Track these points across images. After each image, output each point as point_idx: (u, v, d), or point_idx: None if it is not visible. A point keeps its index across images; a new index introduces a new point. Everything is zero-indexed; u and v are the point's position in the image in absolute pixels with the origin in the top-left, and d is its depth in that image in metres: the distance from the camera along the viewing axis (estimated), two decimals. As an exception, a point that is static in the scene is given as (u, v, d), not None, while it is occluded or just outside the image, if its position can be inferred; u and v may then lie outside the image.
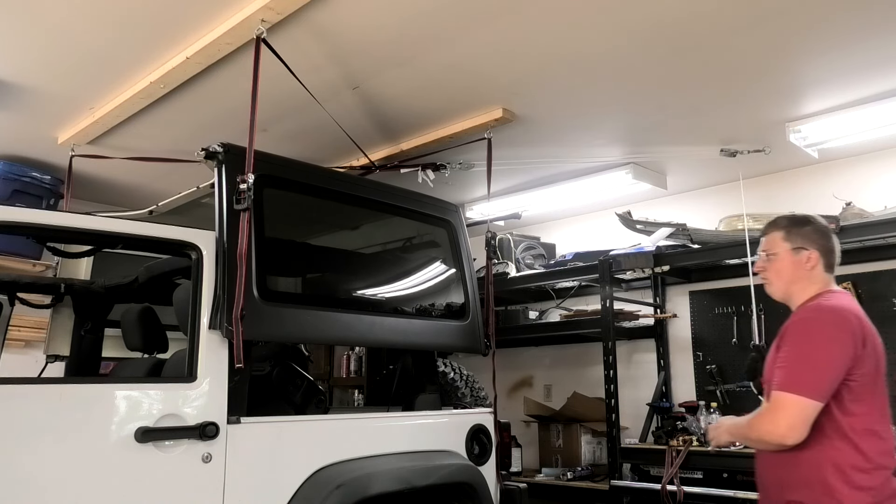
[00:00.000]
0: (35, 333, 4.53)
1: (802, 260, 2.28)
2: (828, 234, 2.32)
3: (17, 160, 4.48)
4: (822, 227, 2.34)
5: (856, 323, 2.11)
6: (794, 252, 2.29)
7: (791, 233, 2.32)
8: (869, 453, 2.04)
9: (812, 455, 2.07)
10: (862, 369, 2.06)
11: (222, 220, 2.63)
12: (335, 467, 2.69)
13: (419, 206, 3.50)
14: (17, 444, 2.12)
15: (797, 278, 2.30)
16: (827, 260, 2.29)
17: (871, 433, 2.06)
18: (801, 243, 2.29)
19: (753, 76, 3.37)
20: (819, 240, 2.29)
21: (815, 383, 2.04)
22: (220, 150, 2.68)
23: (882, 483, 2.04)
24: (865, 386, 2.08)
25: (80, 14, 2.89)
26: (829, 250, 2.29)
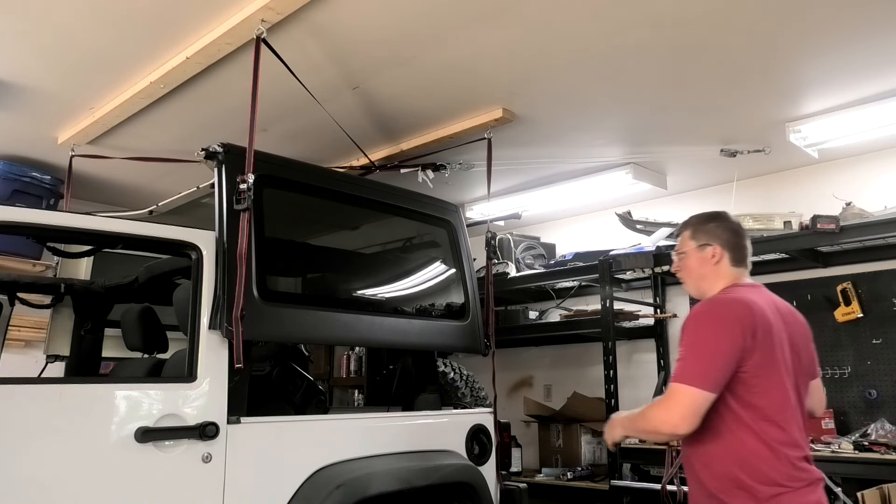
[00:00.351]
0: (35, 333, 4.53)
1: (707, 256, 2.31)
2: (734, 230, 2.34)
3: (17, 160, 4.48)
4: (729, 223, 2.36)
5: (746, 315, 2.10)
6: (700, 249, 2.32)
7: (696, 230, 2.36)
8: (772, 444, 2.07)
9: (720, 449, 2.12)
10: (752, 360, 2.07)
11: (222, 220, 2.63)
12: (335, 467, 2.69)
13: (419, 206, 3.50)
14: (17, 444, 2.12)
15: (704, 274, 2.32)
16: (733, 254, 2.30)
17: (771, 423, 2.08)
18: (705, 240, 2.33)
19: (753, 76, 3.37)
20: (723, 235, 2.32)
21: (704, 374, 2.05)
22: (220, 151, 2.68)
23: (789, 472, 2.06)
24: (760, 377, 2.09)
25: (81, 14, 2.89)
26: (734, 245, 2.31)
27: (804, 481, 2.07)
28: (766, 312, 2.14)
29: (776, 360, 2.11)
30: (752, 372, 2.07)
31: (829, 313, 4.15)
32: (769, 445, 2.06)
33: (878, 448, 3.46)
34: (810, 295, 4.27)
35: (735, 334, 2.07)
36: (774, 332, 2.13)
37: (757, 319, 2.10)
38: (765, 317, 2.12)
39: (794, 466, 2.07)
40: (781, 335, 2.16)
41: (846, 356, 4.08)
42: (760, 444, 2.06)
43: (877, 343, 3.99)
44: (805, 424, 2.18)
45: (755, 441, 2.07)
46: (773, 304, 2.24)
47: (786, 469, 2.05)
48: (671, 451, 3.88)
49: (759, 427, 2.07)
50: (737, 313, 2.10)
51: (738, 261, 2.31)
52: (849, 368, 4.06)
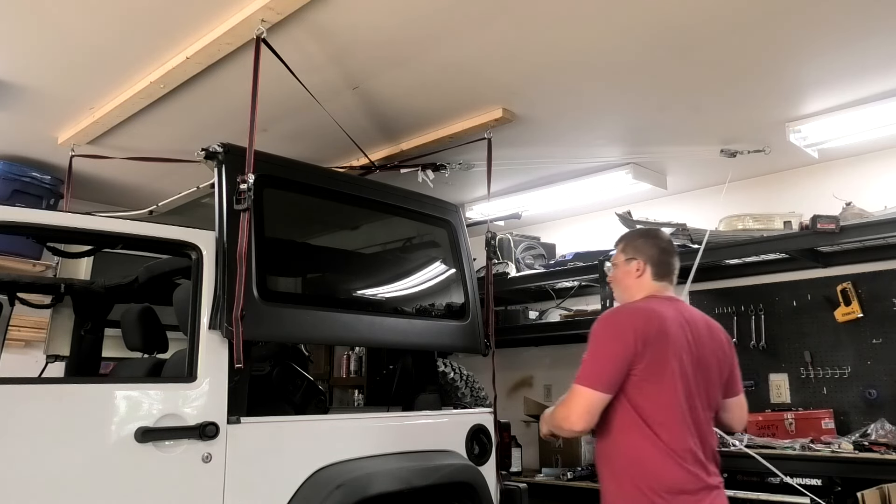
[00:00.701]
0: (35, 333, 4.53)
1: (632, 269, 2.44)
2: (661, 248, 2.46)
3: (17, 160, 4.48)
4: (657, 241, 2.49)
5: (640, 323, 2.23)
6: (627, 262, 2.47)
7: (626, 245, 2.51)
8: (660, 447, 2.17)
9: (616, 447, 2.26)
10: (641, 365, 2.18)
11: (222, 220, 2.63)
12: (335, 467, 2.69)
13: (419, 207, 3.50)
14: (17, 444, 2.12)
15: (628, 286, 2.46)
16: (656, 269, 2.43)
17: (660, 427, 2.18)
18: (632, 254, 2.46)
19: (753, 76, 3.37)
20: (648, 250, 2.44)
21: (598, 375, 2.21)
22: (220, 151, 2.68)
23: (676, 476, 2.15)
24: (648, 382, 2.20)
25: (81, 14, 2.89)
26: (658, 261, 2.43)
27: (694, 486, 2.16)
28: (667, 323, 2.25)
29: (668, 367, 2.21)
30: (641, 376, 2.20)
31: (829, 313, 4.15)
32: (658, 448, 2.17)
33: (878, 448, 3.46)
34: (810, 295, 4.27)
35: (627, 340, 2.20)
36: (672, 341, 2.23)
37: (651, 327, 2.22)
38: (662, 326, 2.23)
39: (685, 471, 2.16)
40: (682, 346, 2.25)
41: (846, 356, 4.08)
42: (649, 446, 2.18)
43: (877, 343, 3.99)
44: (705, 434, 2.27)
45: (644, 443, 2.19)
46: (685, 317, 2.34)
47: (673, 472, 2.15)
48: (671, 451, 3.88)
49: (647, 430, 2.19)
50: (631, 320, 2.25)
51: (659, 276, 2.43)
52: (849, 368, 4.06)
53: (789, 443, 3.67)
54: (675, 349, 2.23)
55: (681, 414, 2.20)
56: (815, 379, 4.18)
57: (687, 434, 2.20)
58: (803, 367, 4.22)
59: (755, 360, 4.43)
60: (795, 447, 3.60)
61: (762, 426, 3.92)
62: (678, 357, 2.23)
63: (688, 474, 2.16)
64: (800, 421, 3.92)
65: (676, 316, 2.31)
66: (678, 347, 2.24)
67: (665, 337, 2.23)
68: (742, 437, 3.80)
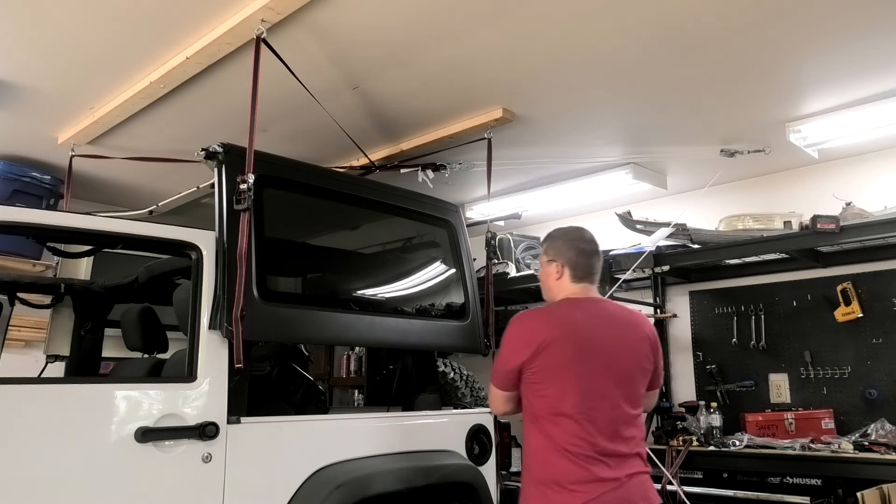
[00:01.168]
0: (35, 333, 4.53)
1: (552, 271, 2.49)
2: (579, 248, 2.48)
3: (17, 160, 4.48)
4: (575, 241, 2.50)
5: (538, 329, 2.33)
6: (548, 264, 2.52)
7: (548, 247, 2.55)
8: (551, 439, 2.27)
9: (524, 439, 2.41)
10: (534, 366, 2.30)
11: (222, 220, 2.63)
12: (335, 467, 2.69)
13: (419, 207, 3.50)
14: (17, 444, 2.11)
15: (550, 287, 2.52)
16: (574, 272, 2.46)
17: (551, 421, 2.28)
18: (552, 256, 2.51)
19: (753, 76, 3.37)
20: (566, 253, 2.48)
21: (499, 375, 2.41)
22: (220, 151, 2.68)
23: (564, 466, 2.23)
24: (542, 383, 2.30)
25: (81, 14, 2.89)
26: (575, 264, 2.46)
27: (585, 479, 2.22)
28: (572, 327, 2.33)
29: (566, 369, 2.28)
30: (535, 378, 2.31)
31: (829, 313, 4.15)
32: (548, 443, 2.27)
33: (878, 448, 3.46)
34: (810, 295, 4.27)
35: (520, 346, 2.33)
36: (576, 344, 2.30)
37: (549, 333, 2.30)
38: (564, 331, 2.32)
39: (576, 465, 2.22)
40: (590, 347, 2.32)
41: (846, 356, 4.08)
42: (541, 440, 2.30)
43: (877, 343, 3.99)
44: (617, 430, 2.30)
45: (538, 437, 2.31)
46: (603, 317, 2.41)
47: (561, 466, 2.23)
48: (671, 450, 3.89)
49: (539, 426, 2.31)
50: (525, 327, 2.37)
51: (578, 277, 2.46)
52: (849, 368, 4.06)
53: (789, 443, 3.67)
54: (579, 351, 2.30)
55: (576, 412, 2.26)
56: (815, 379, 4.18)
57: (581, 431, 2.25)
58: (803, 367, 4.23)
59: (755, 360, 4.43)
60: (795, 447, 3.60)
61: (762, 426, 3.93)
62: (581, 358, 2.30)
63: (579, 468, 2.22)
64: (800, 421, 3.92)
65: (589, 318, 2.38)
66: (584, 349, 2.31)
67: (566, 341, 2.30)
68: (742, 438, 3.81)
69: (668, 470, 3.82)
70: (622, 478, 2.25)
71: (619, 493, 2.23)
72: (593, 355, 2.31)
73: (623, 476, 2.25)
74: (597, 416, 2.27)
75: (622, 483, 2.25)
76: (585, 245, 2.50)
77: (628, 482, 2.26)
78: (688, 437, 3.95)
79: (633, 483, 2.27)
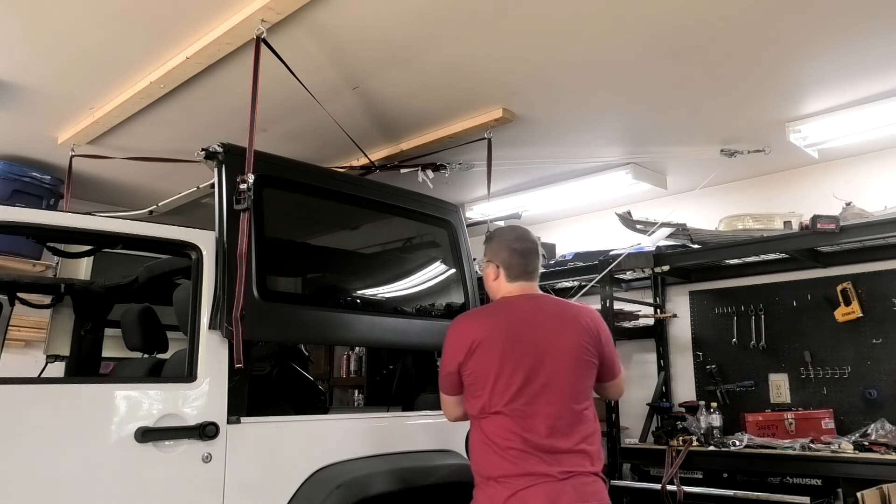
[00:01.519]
0: (35, 333, 4.53)
1: (490, 272, 2.54)
2: (511, 248, 2.52)
3: (17, 160, 4.48)
4: (509, 242, 2.55)
5: (465, 333, 2.40)
6: (487, 265, 2.57)
7: (487, 247, 2.60)
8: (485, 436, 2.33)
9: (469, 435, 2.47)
10: (469, 367, 2.36)
11: (222, 220, 2.63)
12: (335, 467, 2.69)
13: (419, 207, 3.50)
14: (17, 444, 2.11)
15: (490, 287, 2.57)
16: (509, 271, 2.50)
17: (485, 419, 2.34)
18: (489, 257, 2.56)
19: (753, 76, 3.37)
20: (500, 253, 2.52)
21: (443, 381, 2.47)
22: (220, 151, 2.68)
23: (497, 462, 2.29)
24: (477, 382, 2.36)
25: (81, 14, 2.89)
26: (510, 264, 2.50)
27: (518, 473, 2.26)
28: (495, 324, 2.39)
29: (499, 368, 2.33)
30: (470, 380, 2.37)
31: (829, 313, 4.15)
32: (482, 439, 2.34)
33: (878, 448, 3.46)
34: (810, 295, 4.27)
35: (454, 349, 2.40)
36: (502, 340, 2.35)
37: (476, 333, 2.37)
38: (490, 328, 2.38)
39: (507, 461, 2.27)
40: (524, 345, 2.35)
41: (846, 356, 4.08)
42: (478, 437, 2.37)
43: (877, 343, 3.99)
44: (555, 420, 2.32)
45: (476, 434, 2.39)
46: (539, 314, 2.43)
47: (494, 462, 2.30)
48: (671, 451, 3.89)
49: (478, 422, 2.37)
50: (457, 331, 2.43)
51: (514, 277, 2.50)
52: (849, 368, 4.06)
53: (789, 443, 3.67)
54: (509, 349, 2.34)
55: (508, 408, 2.31)
56: (815, 379, 4.18)
57: (514, 426, 2.29)
58: (803, 367, 4.23)
59: (755, 360, 4.43)
60: (795, 447, 3.60)
61: (762, 426, 3.93)
62: (511, 356, 2.34)
63: (510, 464, 2.26)
64: (800, 421, 3.92)
65: (520, 315, 2.41)
66: (513, 347, 2.35)
67: (495, 340, 2.35)
68: (742, 437, 3.81)
69: (668, 470, 3.82)
70: (557, 474, 2.27)
71: (550, 487, 2.24)
72: (524, 352, 2.35)
73: (558, 473, 2.27)
74: (531, 411, 2.31)
75: (556, 480, 2.26)
76: (519, 245, 2.53)
77: (565, 480, 2.26)
78: (688, 437, 3.95)
79: (572, 483, 2.27)
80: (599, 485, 2.34)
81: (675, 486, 3.76)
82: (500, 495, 2.24)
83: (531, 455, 2.26)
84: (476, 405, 2.37)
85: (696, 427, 4.04)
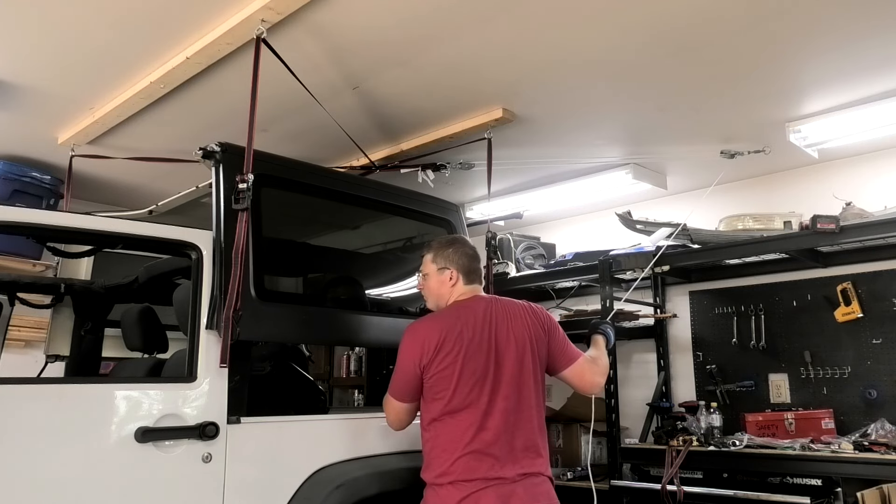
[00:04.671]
0: (35, 333, 4.53)
1: (446, 278, 2.63)
2: (469, 255, 2.68)
3: (17, 160, 4.48)
4: (465, 248, 2.69)
5: (426, 334, 2.46)
6: (440, 272, 2.64)
7: (437, 255, 2.67)
8: (446, 437, 2.39)
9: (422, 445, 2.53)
10: (431, 369, 2.43)
11: (220, 220, 2.63)
12: (335, 467, 2.69)
13: (419, 206, 3.50)
14: (16, 444, 2.12)
15: (442, 294, 2.64)
16: (467, 276, 2.64)
17: (445, 421, 2.41)
18: (444, 264, 2.64)
19: (753, 76, 3.36)
20: (459, 260, 2.64)
21: (399, 388, 2.53)
22: (218, 150, 2.68)
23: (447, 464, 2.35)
24: (439, 383, 2.43)
25: (81, 14, 2.89)
26: (468, 269, 2.65)
27: (469, 477, 2.32)
28: (464, 328, 2.46)
29: (457, 365, 2.41)
30: (431, 382, 2.44)
31: (829, 313, 4.14)
32: (436, 443, 2.41)
33: (878, 448, 3.45)
34: (810, 295, 4.27)
35: (415, 353, 2.45)
36: (464, 341, 2.44)
37: (438, 336, 2.43)
38: (451, 331, 2.45)
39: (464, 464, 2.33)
40: (476, 341, 2.45)
41: (846, 356, 4.08)
42: (431, 440, 2.43)
43: (877, 343, 3.99)
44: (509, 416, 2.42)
45: (433, 436, 2.43)
46: (491, 313, 2.53)
47: (452, 464, 2.34)
48: (671, 451, 3.89)
49: (435, 425, 2.43)
50: (419, 334, 2.48)
51: (470, 281, 2.65)
52: (849, 368, 4.06)
53: (789, 443, 3.67)
54: (469, 349, 2.43)
55: (471, 408, 2.39)
56: (815, 379, 4.18)
57: (475, 426, 2.37)
58: (803, 367, 4.22)
59: (755, 360, 4.43)
60: (795, 447, 3.60)
61: (762, 426, 3.92)
62: (472, 356, 2.43)
63: (465, 467, 2.33)
64: (800, 421, 3.92)
65: (478, 316, 2.50)
66: (474, 347, 2.44)
67: (457, 341, 2.43)
68: (742, 437, 3.80)
69: (668, 470, 3.82)
70: (510, 476, 2.35)
71: (503, 489, 2.32)
72: (483, 351, 2.44)
73: (513, 475, 2.35)
74: (490, 409, 2.39)
75: (508, 482, 2.34)
76: (472, 251, 2.70)
77: (517, 482, 2.35)
78: (688, 437, 3.95)
79: (523, 484, 2.36)
80: (549, 485, 2.46)
81: (675, 486, 3.76)
82: (454, 498, 2.31)
83: (487, 455, 2.34)
84: (436, 407, 2.43)
85: (696, 427, 4.04)
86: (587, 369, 2.67)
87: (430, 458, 2.44)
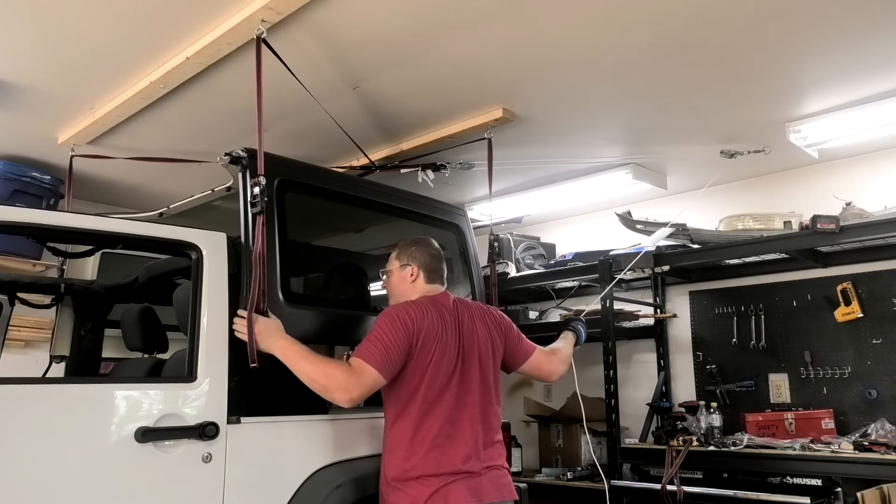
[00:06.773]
0: (35, 333, 4.53)
1: (407, 275, 2.67)
2: (432, 254, 2.71)
3: (17, 160, 4.47)
4: (429, 248, 2.73)
5: (414, 314, 2.45)
6: (402, 269, 2.69)
7: (401, 252, 2.72)
8: (417, 432, 2.40)
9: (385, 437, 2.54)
10: (412, 354, 2.42)
11: (247, 224, 2.62)
12: (335, 467, 2.69)
13: (429, 210, 3.51)
14: (17, 444, 2.11)
15: (403, 290, 2.67)
16: (428, 275, 2.67)
17: (418, 415, 2.41)
18: (405, 260, 2.69)
19: (753, 76, 3.37)
20: (420, 256, 2.68)
21: (379, 352, 2.38)
22: (245, 156, 2.69)
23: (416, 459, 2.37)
24: (404, 380, 2.44)
25: (81, 14, 2.89)
26: (430, 267, 2.68)
27: (434, 472, 2.35)
28: (436, 321, 2.48)
29: (429, 362, 2.43)
30: (408, 367, 2.43)
31: (829, 313, 4.15)
32: (409, 436, 2.40)
33: (878, 448, 3.46)
34: (810, 295, 4.27)
35: (407, 326, 2.43)
36: (435, 337, 2.46)
37: (421, 323, 2.44)
38: (434, 320, 2.48)
39: (433, 459, 2.35)
40: (446, 337, 2.49)
41: (846, 356, 4.08)
42: (405, 433, 2.41)
43: (877, 343, 3.99)
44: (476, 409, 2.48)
45: (401, 430, 2.43)
46: (456, 311, 2.59)
47: (420, 460, 2.36)
48: (671, 451, 3.89)
49: (404, 418, 2.43)
50: (409, 312, 2.46)
51: (431, 280, 2.68)
52: (849, 368, 4.06)
53: (789, 443, 3.67)
54: (445, 344, 2.47)
55: (441, 401, 2.42)
56: (815, 379, 4.19)
57: (445, 420, 2.40)
58: (803, 367, 4.23)
59: (755, 360, 4.43)
60: (795, 447, 3.60)
61: (762, 426, 3.93)
62: (447, 351, 2.47)
63: (434, 462, 2.35)
64: (800, 421, 3.92)
65: (443, 313, 2.54)
66: (448, 342, 2.48)
67: (434, 334, 2.46)
68: (742, 438, 3.81)
69: (668, 470, 3.82)
70: (479, 470, 2.40)
71: (471, 482, 2.36)
72: (453, 346, 2.49)
73: (480, 468, 2.40)
74: (461, 403, 2.44)
75: (476, 475, 2.39)
76: (436, 251, 2.74)
77: (482, 475, 2.41)
78: (688, 437, 3.95)
79: (488, 476, 2.43)
80: (509, 478, 2.54)
81: (675, 486, 3.76)
82: (422, 494, 2.32)
83: (455, 450, 2.37)
84: (405, 399, 2.42)
85: (696, 427, 4.04)
86: (544, 360, 2.85)
87: (395, 453, 2.43)
